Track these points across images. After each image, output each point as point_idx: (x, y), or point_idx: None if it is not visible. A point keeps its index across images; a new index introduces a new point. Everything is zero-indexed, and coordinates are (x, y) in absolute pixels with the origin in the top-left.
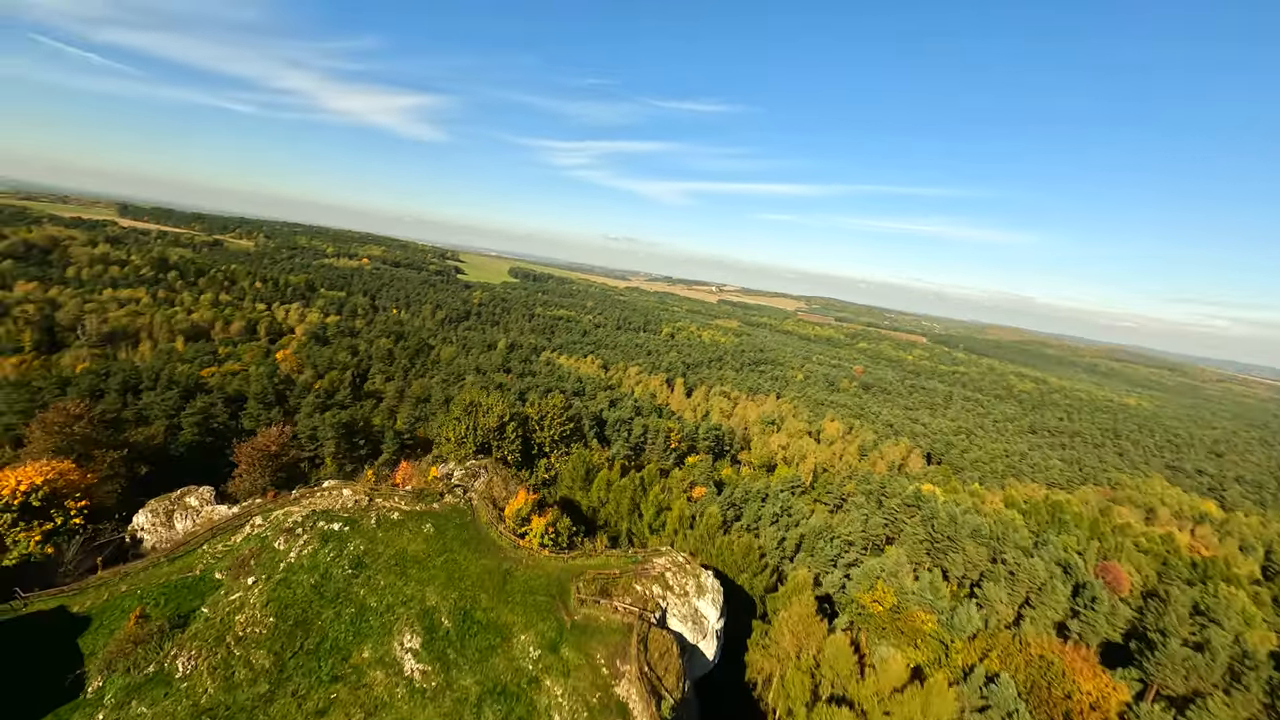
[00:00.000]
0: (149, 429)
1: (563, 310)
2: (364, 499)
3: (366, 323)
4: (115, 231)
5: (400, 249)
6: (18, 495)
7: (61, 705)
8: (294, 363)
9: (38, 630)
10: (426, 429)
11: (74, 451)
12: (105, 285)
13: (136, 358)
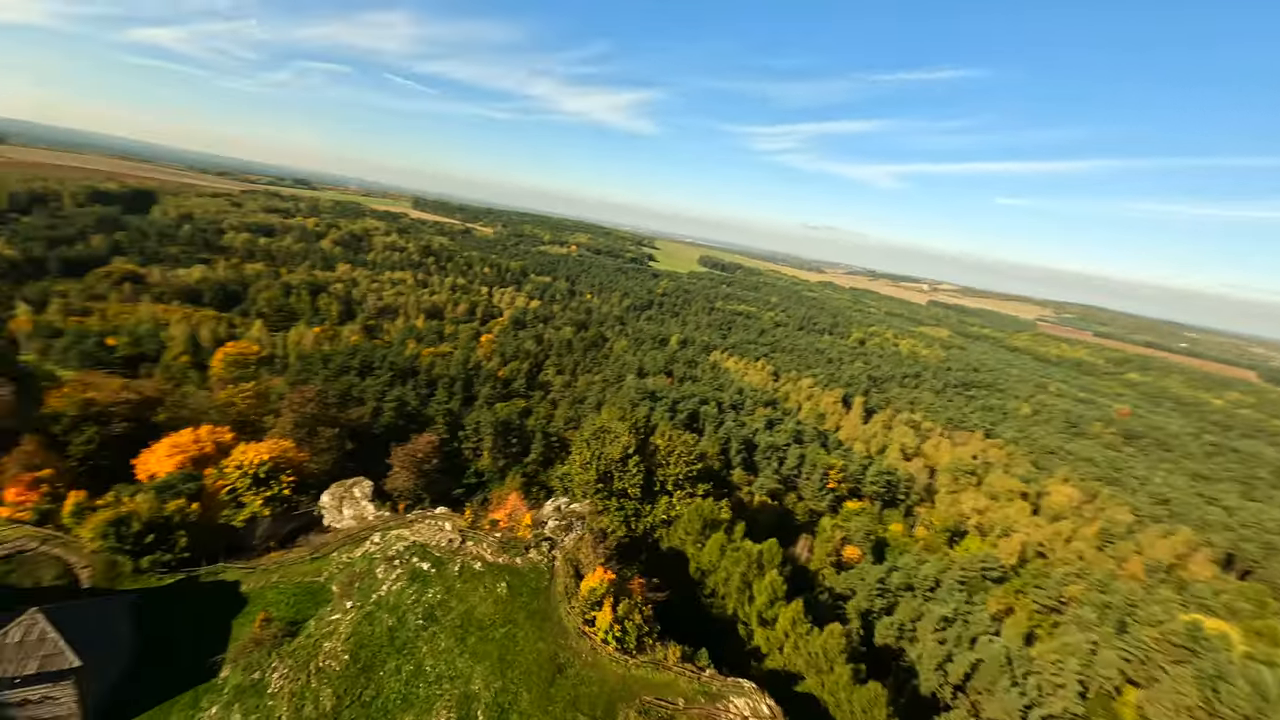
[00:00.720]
0: (362, 409)
1: (743, 305)
2: (456, 538)
3: (562, 308)
4: (405, 223)
5: (604, 236)
6: (253, 466)
7: (201, 684)
8: (488, 349)
9: (216, 599)
10: (587, 424)
11: (304, 428)
12: (387, 268)
13: (395, 329)
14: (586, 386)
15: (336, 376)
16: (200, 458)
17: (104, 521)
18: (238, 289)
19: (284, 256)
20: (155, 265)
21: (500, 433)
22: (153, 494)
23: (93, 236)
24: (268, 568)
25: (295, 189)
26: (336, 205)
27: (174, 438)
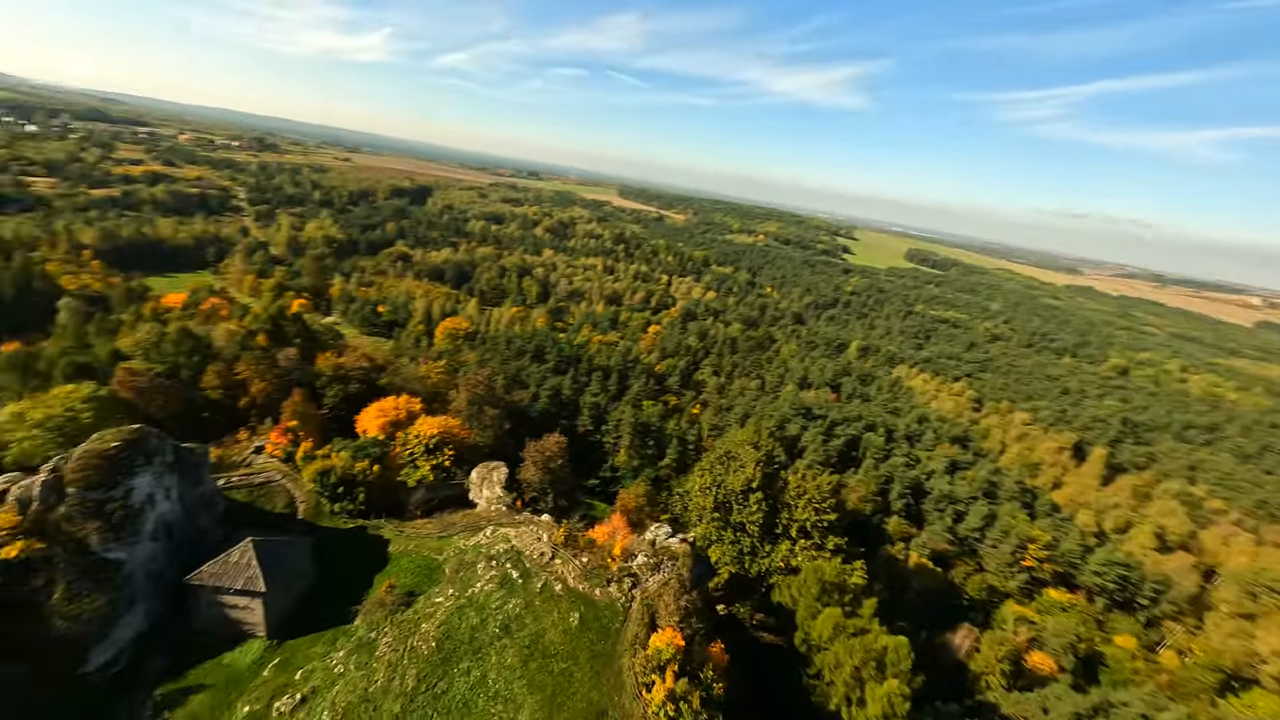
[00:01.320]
0: (524, 393)
1: (952, 311)
2: (548, 552)
3: (737, 301)
4: (608, 210)
5: (796, 224)
6: (426, 438)
7: (342, 626)
8: (650, 341)
9: (371, 553)
10: (720, 443)
11: (475, 405)
12: (583, 254)
13: (578, 313)
14: (739, 392)
15: (514, 358)
16: (395, 422)
17: (315, 470)
18: (469, 269)
19: (507, 241)
20: (420, 248)
21: (638, 432)
22: (349, 454)
23: (388, 224)
24: (409, 534)
25: (527, 180)
26: (555, 195)
27: (381, 402)
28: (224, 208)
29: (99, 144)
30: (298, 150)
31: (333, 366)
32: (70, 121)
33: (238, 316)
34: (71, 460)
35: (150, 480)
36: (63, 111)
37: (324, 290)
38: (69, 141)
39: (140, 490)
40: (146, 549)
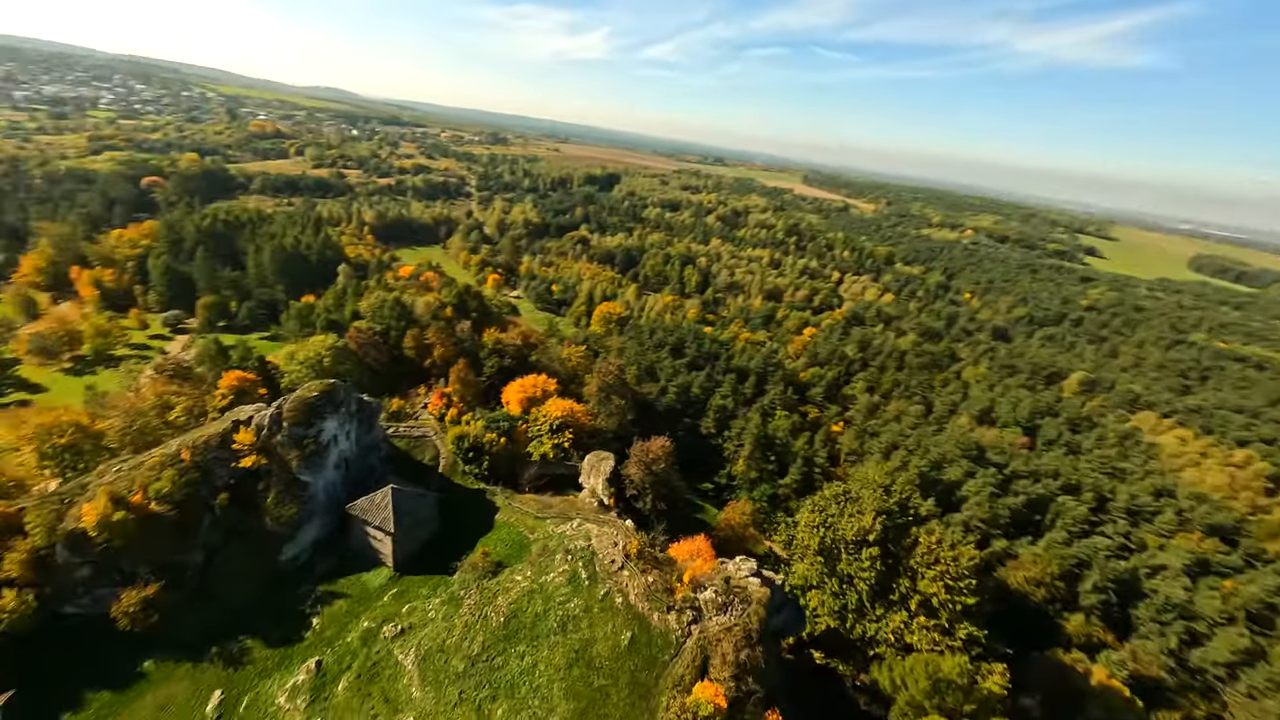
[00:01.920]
0: (653, 386)
1: (1255, 346)
2: (620, 560)
3: (920, 307)
4: (788, 198)
5: (1020, 220)
6: (551, 419)
7: (443, 576)
8: (801, 345)
9: (482, 516)
10: (855, 471)
11: (604, 392)
12: (751, 245)
13: (734, 306)
14: (894, 416)
15: (653, 349)
16: (532, 398)
17: (455, 433)
18: (637, 255)
19: (678, 228)
20: (598, 233)
21: (760, 444)
22: (482, 424)
23: (576, 208)
24: (514, 506)
25: (711, 167)
26: (735, 182)
27: (524, 380)
28: (459, 193)
29: (390, 143)
30: (520, 143)
31: (494, 341)
32: (377, 126)
33: (442, 289)
34: (288, 402)
35: (335, 424)
36: (373, 118)
37: (515, 267)
38: (372, 142)
39: (328, 431)
40: (328, 476)
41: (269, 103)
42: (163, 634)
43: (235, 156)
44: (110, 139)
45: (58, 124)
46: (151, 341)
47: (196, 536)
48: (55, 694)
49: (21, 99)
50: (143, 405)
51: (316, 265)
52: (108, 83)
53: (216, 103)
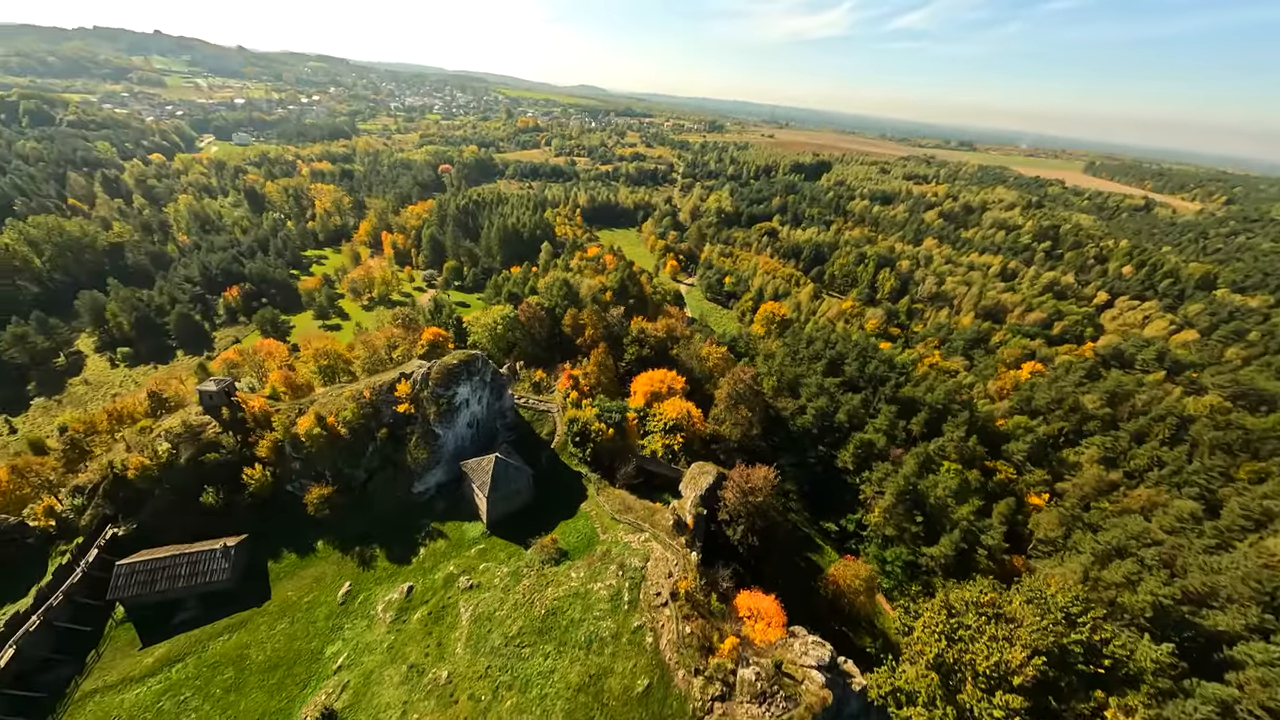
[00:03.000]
0: (791, 401)
1: None
2: (665, 594)
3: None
4: (1054, 192)
5: None
6: (666, 418)
7: (519, 548)
8: (1010, 383)
9: (573, 499)
10: (1036, 565)
11: (733, 399)
12: (978, 249)
13: (932, 320)
14: (1139, 508)
15: (808, 360)
16: (656, 393)
17: (570, 416)
18: (826, 252)
19: (886, 224)
20: (790, 225)
21: (904, 499)
22: (595, 412)
23: (775, 198)
24: (600, 500)
25: (954, 152)
26: (980, 171)
27: (653, 373)
28: (665, 180)
29: (617, 133)
30: (736, 130)
31: (638, 329)
32: (613, 118)
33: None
34: (435, 366)
35: (468, 390)
36: (610, 111)
37: (696, 255)
38: (604, 132)
39: (461, 395)
40: (459, 432)
41: (537, 102)
42: (334, 524)
43: (504, 147)
44: (432, 136)
45: (406, 126)
46: (414, 292)
47: (363, 458)
48: (266, 545)
49: (394, 108)
50: (378, 344)
51: (529, 241)
52: (441, 93)
53: (502, 104)
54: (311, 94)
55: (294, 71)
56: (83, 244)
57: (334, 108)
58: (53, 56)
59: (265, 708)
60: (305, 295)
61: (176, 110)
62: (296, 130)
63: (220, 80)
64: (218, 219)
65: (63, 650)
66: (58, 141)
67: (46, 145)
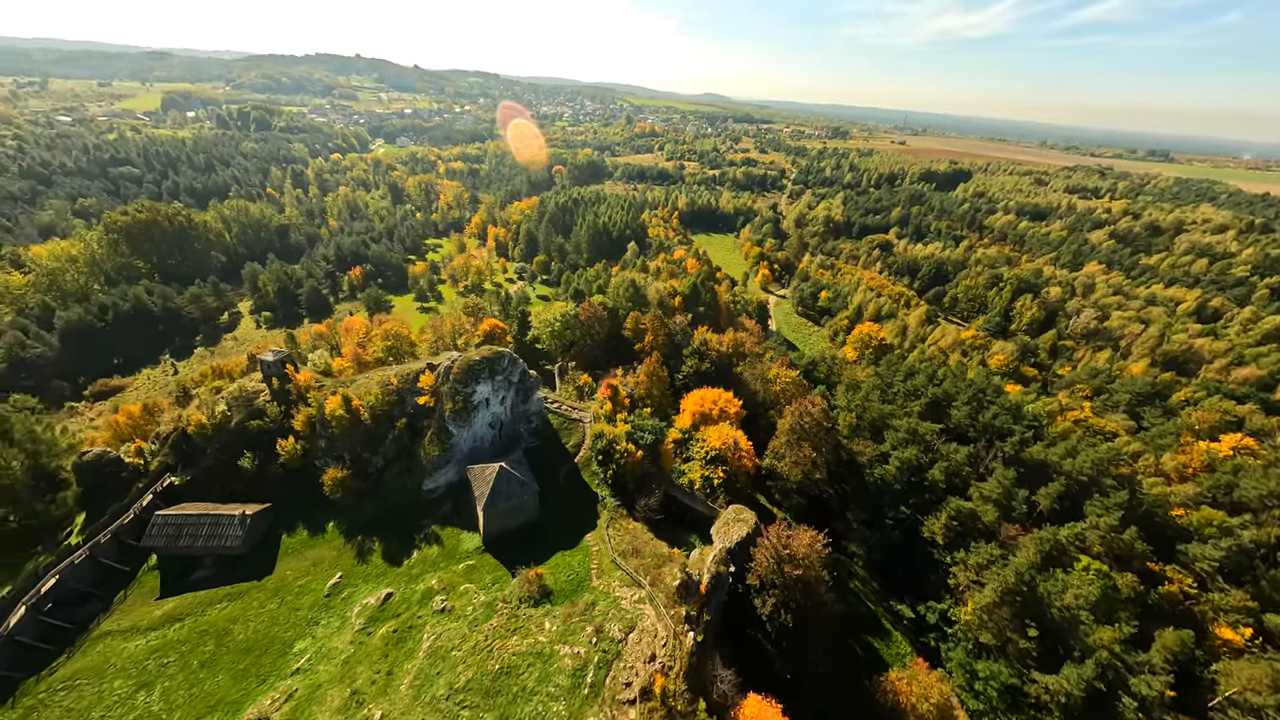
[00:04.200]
0: (869, 446)
1: None
2: (637, 688)
3: None
4: None
5: None
6: (708, 446)
7: (506, 574)
8: (1193, 461)
9: (580, 524)
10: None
11: (795, 434)
12: (1162, 279)
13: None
14: None
15: (904, 397)
16: (705, 415)
17: (596, 429)
18: (950, 271)
19: (1034, 244)
20: (909, 239)
21: (1015, 602)
22: (627, 430)
23: (894, 209)
24: (609, 534)
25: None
26: (1176, 185)
27: (705, 392)
28: (774, 186)
29: (732, 139)
30: (861, 136)
31: (700, 340)
32: (731, 124)
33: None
34: (458, 360)
35: (489, 389)
36: (729, 117)
37: (794, 265)
38: (719, 138)
39: (480, 394)
40: (478, 432)
41: (659, 109)
42: (346, 508)
43: (619, 151)
44: (555, 140)
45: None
46: (505, 283)
47: (381, 446)
48: (285, 517)
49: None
50: (444, 330)
51: (617, 240)
52: (573, 102)
53: (625, 112)
54: (464, 104)
55: (455, 85)
56: (261, 223)
57: (479, 116)
58: (284, 78)
59: (224, 695)
60: (412, 279)
61: (359, 119)
62: (444, 135)
63: (397, 94)
64: (364, 208)
65: (100, 586)
66: (269, 143)
67: (261, 145)
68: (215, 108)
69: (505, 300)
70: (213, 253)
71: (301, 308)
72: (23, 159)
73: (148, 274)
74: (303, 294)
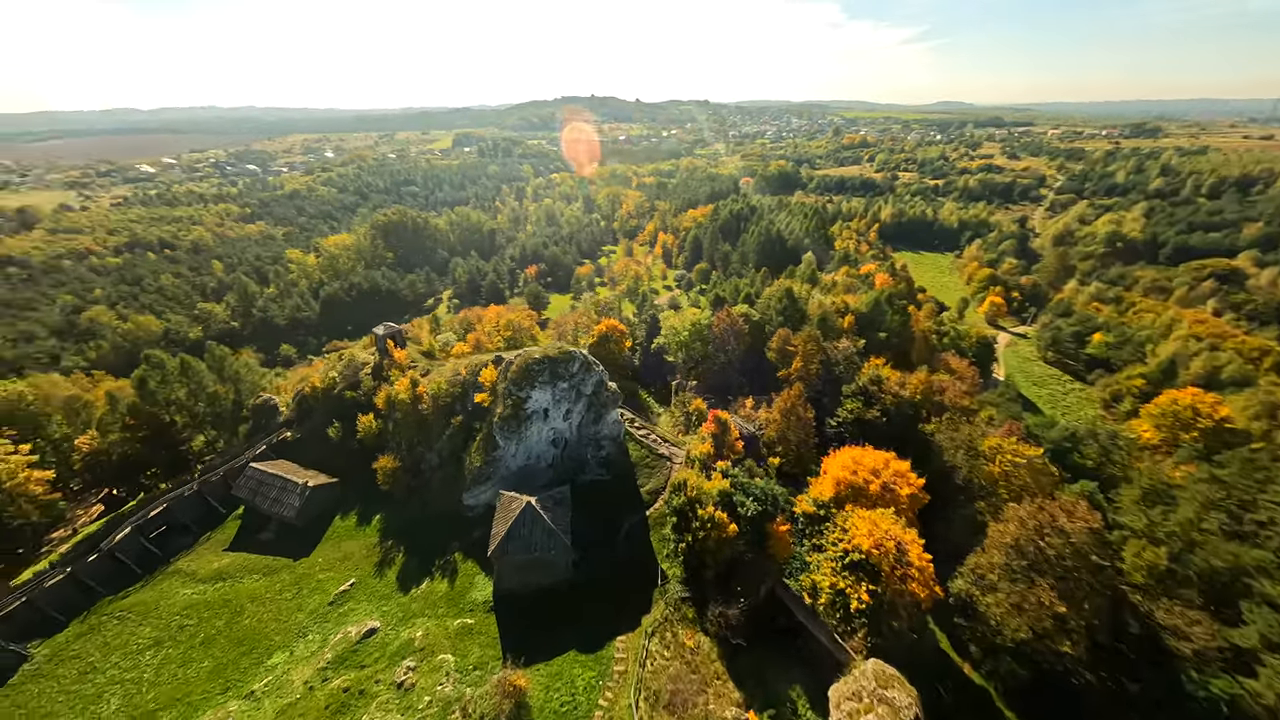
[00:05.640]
0: (1183, 613)
1: None
2: None
3: None
4: None
5: None
6: (852, 545)
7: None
8: None
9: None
10: None
11: (1016, 553)
12: None
13: None
14: None
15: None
16: (856, 489)
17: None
18: None
19: None
20: (1276, 265)
21: None
22: (720, 486)
23: (1242, 224)
24: (647, 648)
25: None
26: None
27: (864, 452)
28: (1024, 196)
29: (967, 144)
30: (1184, 132)
31: (871, 377)
32: (972, 130)
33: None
34: (519, 356)
35: (548, 397)
36: (969, 123)
37: (1044, 294)
38: (948, 145)
39: (535, 401)
40: (530, 448)
41: (875, 121)
42: (396, 503)
43: (820, 164)
44: (752, 156)
45: (735, 149)
46: (663, 289)
47: (437, 442)
48: (348, 496)
49: (731, 136)
50: (567, 326)
51: (790, 250)
52: (778, 120)
53: (834, 125)
54: (672, 129)
55: (667, 114)
56: (475, 227)
57: (681, 138)
58: (535, 118)
59: (191, 691)
60: (575, 279)
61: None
62: (646, 155)
63: (616, 124)
64: (559, 216)
65: (199, 523)
66: (507, 166)
67: (501, 168)
68: (482, 143)
69: (641, 300)
70: (438, 250)
71: (482, 297)
72: (357, 181)
73: (391, 264)
74: (484, 285)
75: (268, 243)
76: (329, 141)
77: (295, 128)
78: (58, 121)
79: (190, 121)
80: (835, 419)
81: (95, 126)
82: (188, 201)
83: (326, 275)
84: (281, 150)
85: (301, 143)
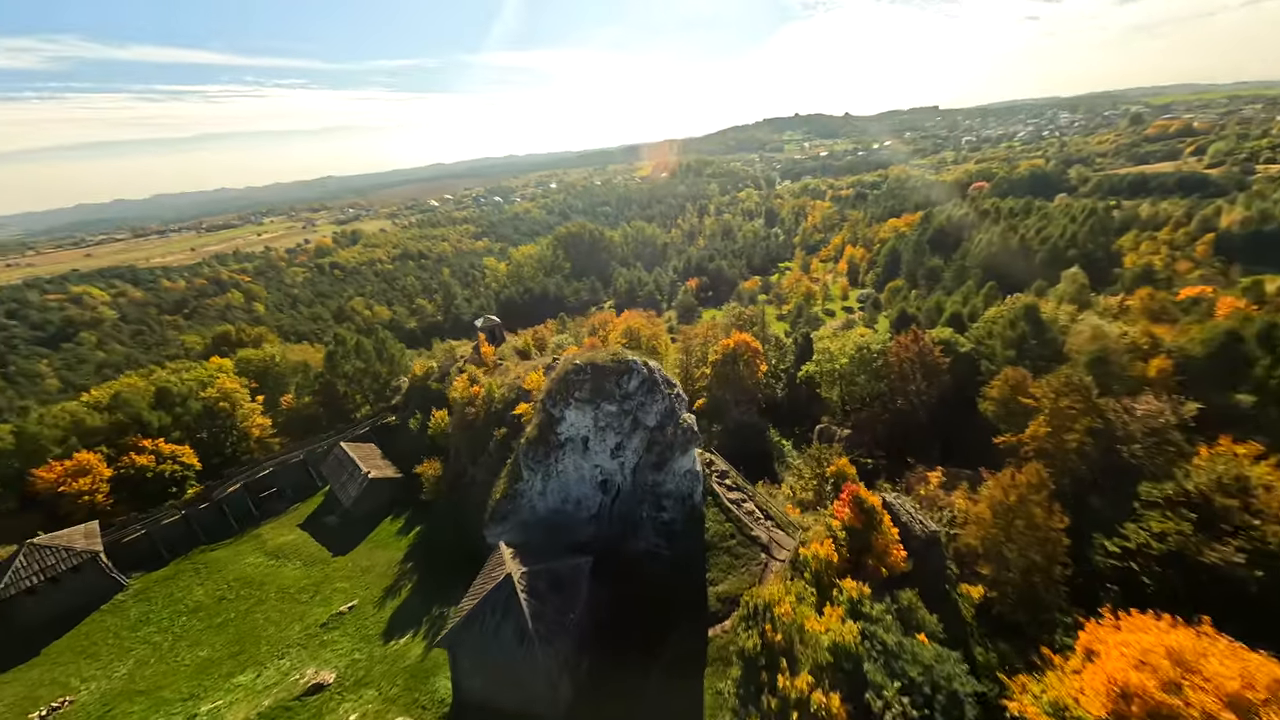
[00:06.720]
0: None
1: None
2: None
3: None
4: None
5: None
6: None
7: None
8: None
9: None
10: None
11: None
12: None
13: None
14: None
15: None
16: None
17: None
18: None
19: None
20: None
21: None
22: (849, 638)
23: None
24: None
25: None
26: None
27: (1151, 629)
28: None
29: None
30: None
31: (1215, 478)
32: None
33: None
34: (561, 362)
35: (588, 422)
36: None
37: None
38: None
39: (569, 426)
40: (562, 485)
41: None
42: (434, 516)
43: (1100, 164)
44: (989, 160)
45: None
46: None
47: (482, 454)
48: (406, 495)
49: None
50: (694, 340)
51: (1042, 265)
52: (1038, 118)
53: (1129, 114)
54: (884, 140)
55: (880, 126)
56: (649, 241)
57: (897, 148)
58: (734, 140)
59: (179, 684)
60: (736, 294)
61: (777, 165)
62: (847, 168)
63: (819, 141)
64: (736, 230)
65: (296, 491)
66: (694, 185)
67: (688, 187)
68: None
69: (795, 317)
70: (610, 261)
71: (639, 306)
72: (563, 204)
73: (566, 273)
74: (642, 295)
75: (484, 254)
76: (556, 176)
77: (537, 166)
78: (398, 174)
79: (469, 169)
80: (1118, 543)
81: (415, 175)
82: (445, 224)
83: (511, 280)
84: (520, 185)
85: (536, 178)
